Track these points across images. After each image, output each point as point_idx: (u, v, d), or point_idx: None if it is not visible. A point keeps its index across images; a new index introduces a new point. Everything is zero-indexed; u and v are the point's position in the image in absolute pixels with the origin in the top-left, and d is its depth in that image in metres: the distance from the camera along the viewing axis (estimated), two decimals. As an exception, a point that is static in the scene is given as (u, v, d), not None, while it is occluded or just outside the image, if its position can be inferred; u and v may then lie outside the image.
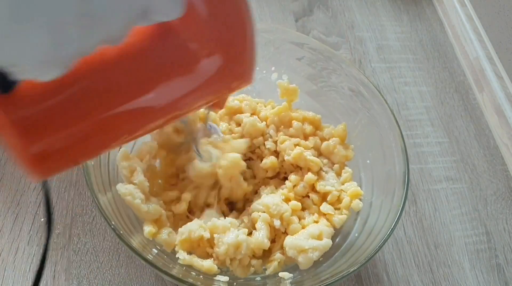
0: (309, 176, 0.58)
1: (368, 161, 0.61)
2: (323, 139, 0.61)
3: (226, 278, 0.51)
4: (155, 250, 0.51)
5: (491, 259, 0.65)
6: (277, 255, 0.54)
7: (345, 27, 0.90)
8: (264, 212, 0.54)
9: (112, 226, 0.46)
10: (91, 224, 0.60)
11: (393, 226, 0.50)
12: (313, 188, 0.59)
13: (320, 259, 0.53)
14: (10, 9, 0.21)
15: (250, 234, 0.54)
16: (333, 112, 0.64)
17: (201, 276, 0.51)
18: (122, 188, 0.51)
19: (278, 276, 0.53)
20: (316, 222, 0.56)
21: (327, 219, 0.56)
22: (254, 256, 0.54)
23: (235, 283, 0.52)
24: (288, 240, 0.53)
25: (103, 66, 0.31)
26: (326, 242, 0.53)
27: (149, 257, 0.48)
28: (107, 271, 0.57)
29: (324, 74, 0.65)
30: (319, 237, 0.53)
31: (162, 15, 0.27)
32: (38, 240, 0.59)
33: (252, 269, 0.53)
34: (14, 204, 0.61)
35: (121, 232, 0.47)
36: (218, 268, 0.51)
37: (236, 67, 0.35)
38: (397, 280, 0.62)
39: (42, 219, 0.60)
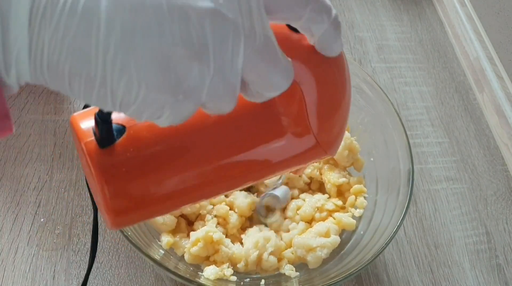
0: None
1: (371, 159, 0.61)
2: None
3: (234, 278, 0.51)
4: (162, 251, 0.52)
5: (491, 259, 0.65)
6: (287, 254, 0.54)
7: (345, 27, 0.90)
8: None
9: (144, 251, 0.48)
10: (91, 224, 0.60)
11: (399, 223, 0.51)
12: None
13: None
14: (115, 47, 0.21)
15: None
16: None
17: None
18: None
19: (284, 274, 0.53)
20: (324, 219, 0.56)
21: (334, 218, 0.56)
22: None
23: (242, 283, 0.52)
24: (297, 240, 0.53)
25: (204, 124, 0.32)
26: (334, 238, 0.53)
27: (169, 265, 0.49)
28: (107, 271, 0.57)
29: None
30: (326, 235, 0.53)
31: (271, 91, 0.27)
32: (38, 240, 0.59)
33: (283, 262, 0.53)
34: (14, 204, 0.61)
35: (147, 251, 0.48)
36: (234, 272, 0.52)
37: (324, 147, 0.35)
38: (397, 280, 0.62)
39: (42, 220, 0.60)
